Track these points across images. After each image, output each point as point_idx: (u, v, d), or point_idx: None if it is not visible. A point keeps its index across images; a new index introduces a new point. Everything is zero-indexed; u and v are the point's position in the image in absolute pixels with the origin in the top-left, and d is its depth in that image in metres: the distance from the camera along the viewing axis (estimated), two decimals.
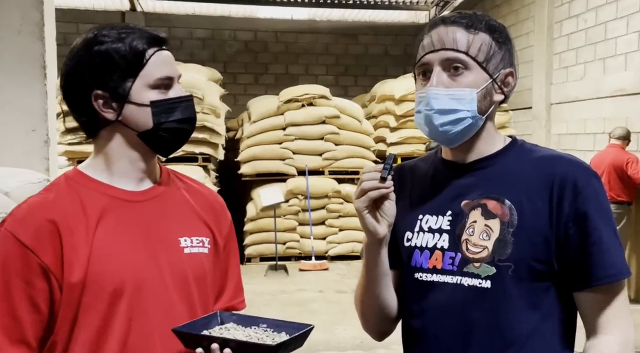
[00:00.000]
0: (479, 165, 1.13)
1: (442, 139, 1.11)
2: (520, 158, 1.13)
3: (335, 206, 7.14)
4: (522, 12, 8.48)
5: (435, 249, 1.12)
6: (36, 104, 3.17)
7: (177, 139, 1.12)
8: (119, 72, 1.06)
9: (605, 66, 6.78)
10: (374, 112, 8.18)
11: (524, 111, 8.20)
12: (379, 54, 11.00)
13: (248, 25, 10.65)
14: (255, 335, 1.00)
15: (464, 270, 1.08)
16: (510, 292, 1.05)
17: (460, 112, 1.07)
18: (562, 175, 1.06)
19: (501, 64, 1.10)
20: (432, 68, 1.08)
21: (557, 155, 1.12)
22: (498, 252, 1.06)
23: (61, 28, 3.75)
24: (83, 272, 1.02)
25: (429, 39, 1.09)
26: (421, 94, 1.10)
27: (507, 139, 1.17)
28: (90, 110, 1.09)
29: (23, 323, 1.01)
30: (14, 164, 2.80)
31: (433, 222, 1.14)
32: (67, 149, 5.90)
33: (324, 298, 5.49)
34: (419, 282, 1.13)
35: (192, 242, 1.14)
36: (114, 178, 1.12)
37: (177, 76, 1.12)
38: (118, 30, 1.09)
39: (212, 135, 6.53)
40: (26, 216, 1.04)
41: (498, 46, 1.09)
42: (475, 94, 1.07)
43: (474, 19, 1.09)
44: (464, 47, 1.06)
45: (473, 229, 1.09)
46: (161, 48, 1.11)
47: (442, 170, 1.17)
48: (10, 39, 3.11)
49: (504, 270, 1.05)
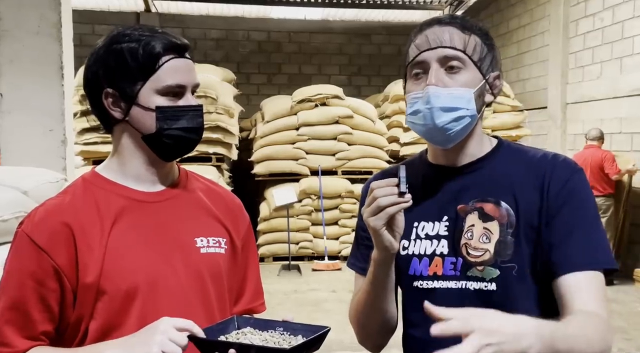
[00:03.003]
0: (470, 168, 1.13)
1: (441, 138, 1.09)
2: (509, 160, 1.13)
3: (348, 206, 7.14)
4: (537, 11, 8.40)
5: (434, 255, 1.11)
6: (53, 104, 3.22)
7: (179, 146, 1.11)
8: (130, 73, 1.06)
9: (622, 65, 6.70)
10: (387, 112, 8.15)
11: (539, 111, 8.12)
12: (393, 53, 10.97)
13: (261, 26, 10.68)
14: (272, 339, 1.00)
15: (468, 274, 1.08)
16: (515, 293, 1.06)
17: (461, 109, 1.06)
18: (550, 173, 1.08)
19: (491, 67, 1.11)
20: (428, 66, 1.07)
21: (543, 154, 1.14)
22: (500, 253, 1.06)
23: (77, 29, 3.79)
24: (97, 272, 1.03)
25: (423, 38, 1.09)
26: (417, 95, 1.08)
27: (492, 140, 1.18)
28: (102, 107, 1.10)
29: (34, 321, 1.03)
30: (31, 164, 2.84)
31: (429, 228, 1.13)
32: (83, 149, 5.96)
33: (337, 298, 5.49)
34: (419, 290, 1.12)
35: (209, 242, 1.14)
36: (128, 180, 1.13)
37: (191, 85, 1.10)
38: (140, 31, 1.08)
39: (225, 135, 6.56)
40: (42, 219, 1.06)
41: (488, 49, 1.11)
42: (473, 93, 1.07)
43: (466, 22, 1.11)
44: (461, 45, 1.07)
45: (472, 233, 1.09)
46: (180, 55, 1.09)
47: (432, 175, 1.16)
48: (29, 40, 3.15)
49: (507, 271, 1.05)
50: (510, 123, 7.37)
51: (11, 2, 3.13)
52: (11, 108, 3.18)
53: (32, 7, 3.15)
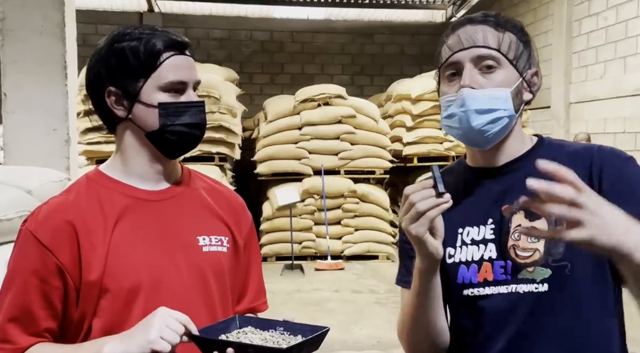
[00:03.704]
0: (511, 167, 1.09)
1: (479, 140, 1.06)
2: (552, 155, 1.07)
3: (351, 206, 7.13)
4: (541, 10, 8.38)
5: (482, 261, 1.06)
6: (57, 104, 3.23)
7: (183, 142, 1.12)
8: (132, 70, 1.07)
9: (626, 65, 6.68)
10: (390, 111, 8.15)
11: (542, 110, 8.11)
12: (395, 53, 10.96)
13: (264, 26, 10.69)
14: (272, 338, 1.01)
15: (519, 277, 1.03)
16: (571, 293, 1.01)
17: (497, 111, 1.03)
18: (598, 164, 1.03)
19: (528, 64, 1.08)
20: (461, 67, 1.04)
21: (588, 146, 1.10)
22: (551, 252, 1.01)
23: (80, 29, 3.80)
24: (100, 270, 1.04)
25: (456, 38, 1.06)
26: (450, 98, 1.05)
27: (533, 138, 1.15)
28: (105, 106, 1.11)
29: (37, 318, 1.04)
30: (35, 163, 2.85)
31: (475, 233, 1.08)
32: (86, 149, 5.98)
33: (340, 297, 5.49)
34: (470, 298, 1.06)
35: (211, 240, 1.15)
36: (132, 178, 1.13)
37: (192, 82, 1.11)
38: (141, 30, 1.09)
39: (228, 135, 6.56)
40: (46, 217, 1.06)
41: (524, 45, 1.07)
42: (509, 92, 1.04)
43: (500, 19, 1.08)
44: (495, 44, 1.04)
45: (519, 233, 1.04)
46: (181, 52, 1.10)
47: (472, 178, 1.12)
48: (32, 40, 3.16)
49: (560, 270, 1.01)
50: None
51: (15, 2, 3.14)
52: (15, 107, 3.19)
53: (35, 7, 3.16)
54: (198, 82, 1.13)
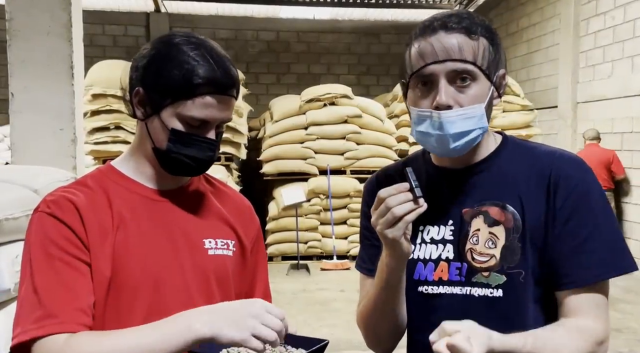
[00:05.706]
0: (475, 169, 1.10)
1: (453, 154, 1.06)
2: (514, 157, 1.10)
3: (356, 205, 7.13)
4: (548, 9, 8.34)
5: (440, 260, 1.08)
6: (64, 103, 3.24)
7: (183, 170, 1.10)
8: (164, 88, 1.05)
9: (633, 64, 6.63)
10: (396, 111, 8.13)
11: (549, 110, 8.07)
12: (402, 53, 10.87)
13: (270, 26, 10.70)
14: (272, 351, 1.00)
15: (473, 280, 1.05)
16: (522, 299, 1.04)
17: (474, 131, 1.03)
18: (556, 173, 1.04)
19: (497, 67, 1.06)
20: (435, 79, 1.01)
21: (549, 151, 1.10)
22: (507, 259, 1.03)
23: (87, 29, 3.82)
24: (105, 265, 1.03)
25: (429, 47, 1.02)
26: (424, 113, 1.03)
27: (497, 137, 1.14)
28: (132, 99, 1.11)
29: (77, 291, 0.99)
30: (42, 163, 2.86)
31: (435, 232, 1.10)
32: (93, 148, 6.00)
33: (345, 297, 5.48)
34: (423, 295, 1.10)
35: (217, 243, 1.14)
36: (142, 177, 1.13)
37: (216, 122, 1.08)
38: (195, 52, 1.05)
39: (234, 135, 6.57)
40: (58, 198, 1.05)
41: (494, 49, 1.05)
42: (484, 107, 1.03)
43: (472, 22, 1.03)
44: (470, 56, 1.01)
45: (477, 238, 1.06)
46: (220, 92, 1.06)
47: (436, 177, 1.13)
48: (39, 40, 3.17)
49: (514, 277, 1.03)
50: (520, 122, 7.33)
51: (22, 3, 3.16)
52: (22, 108, 3.20)
53: (42, 8, 3.17)
54: (226, 120, 1.11)
